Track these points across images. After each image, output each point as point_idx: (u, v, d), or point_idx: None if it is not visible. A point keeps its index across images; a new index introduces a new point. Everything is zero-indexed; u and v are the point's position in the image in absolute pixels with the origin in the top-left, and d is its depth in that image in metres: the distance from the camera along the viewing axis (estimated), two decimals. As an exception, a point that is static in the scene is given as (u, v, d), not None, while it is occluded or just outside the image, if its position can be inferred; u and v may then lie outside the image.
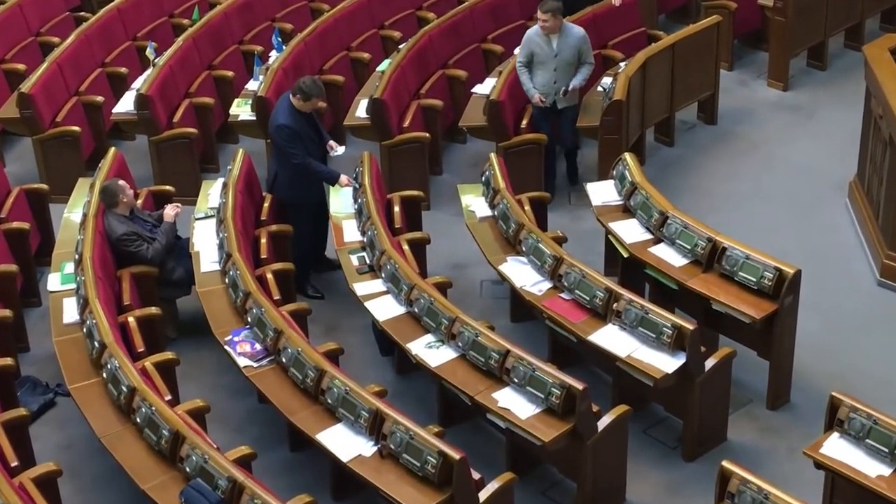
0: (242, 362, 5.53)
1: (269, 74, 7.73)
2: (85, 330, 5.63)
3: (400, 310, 5.83)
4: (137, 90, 7.65)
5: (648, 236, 6.21)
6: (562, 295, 5.84)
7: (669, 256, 6.05)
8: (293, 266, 6.37)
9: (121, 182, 6.31)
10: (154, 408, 5.03)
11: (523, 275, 6.04)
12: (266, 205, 6.77)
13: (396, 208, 6.69)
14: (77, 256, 6.08)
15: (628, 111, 7.35)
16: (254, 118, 7.64)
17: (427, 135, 7.57)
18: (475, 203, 6.68)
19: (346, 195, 6.61)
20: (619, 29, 8.40)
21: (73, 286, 6.01)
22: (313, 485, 5.29)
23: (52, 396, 6.07)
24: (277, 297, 5.98)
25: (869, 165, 7.04)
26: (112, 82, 8.21)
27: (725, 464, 4.68)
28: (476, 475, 4.82)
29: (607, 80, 7.73)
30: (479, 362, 5.38)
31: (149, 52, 7.97)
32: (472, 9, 8.51)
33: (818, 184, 7.63)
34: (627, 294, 5.62)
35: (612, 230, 6.33)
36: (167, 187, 7.08)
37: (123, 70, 8.24)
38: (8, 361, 5.67)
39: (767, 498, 4.51)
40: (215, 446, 4.94)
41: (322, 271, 6.85)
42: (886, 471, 4.75)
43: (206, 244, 6.34)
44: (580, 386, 5.04)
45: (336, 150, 6.61)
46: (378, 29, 8.66)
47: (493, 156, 6.81)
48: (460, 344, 5.46)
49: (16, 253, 6.50)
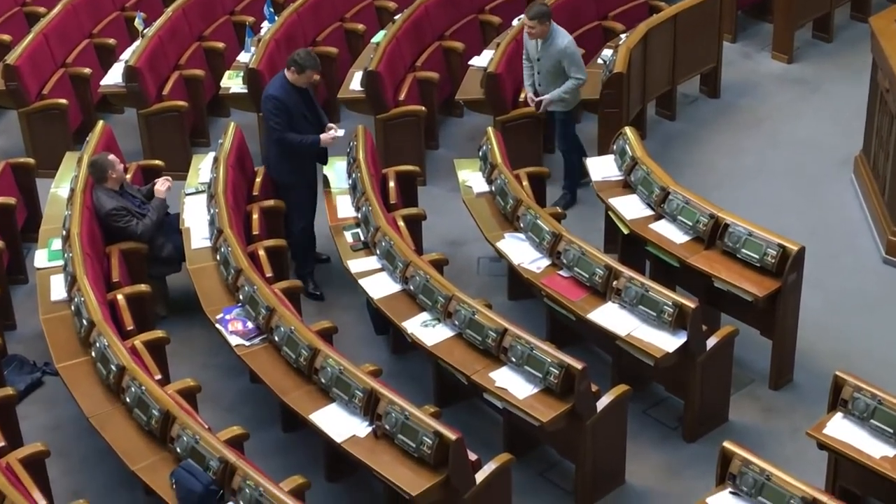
0: (234, 341, 5.47)
1: (261, 46, 7.61)
2: (73, 308, 5.56)
3: (395, 287, 5.76)
4: (126, 62, 7.54)
5: (649, 212, 6.14)
6: (560, 272, 5.77)
7: (670, 233, 5.98)
8: (289, 248, 6.22)
9: (110, 157, 6.20)
10: (144, 387, 4.97)
11: (521, 252, 5.96)
12: (258, 179, 6.66)
13: (391, 183, 6.59)
14: (64, 232, 5.98)
15: (629, 84, 7.25)
16: (245, 91, 7.53)
17: (423, 108, 7.47)
18: (472, 178, 6.60)
19: (341, 170, 6.41)
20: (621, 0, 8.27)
21: (61, 263, 5.93)
22: (306, 465, 5.25)
23: (40, 376, 6.00)
24: (270, 275, 5.90)
25: (875, 140, 6.95)
26: (100, 54, 8.09)
27: (727, 444, 4.65)
28: (473, 456, 4.79)
29: (608, 53, 7.63)
30: (476, 341, 5.31)
31: (137, 23, 7.85)
32: (470, -21, 8.37)
33: (823, 159, 7.55)
34: (627, 271, 5.55)
35: (612, 206, 6.25)
36: (156, 162, 6.99)
37: (111, 41, 8.12)
38: (-6, 340, 5.60)
39: (770, 479, 4.47)
40: (206, 426, 4.90)
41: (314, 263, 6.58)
42: (890, 451, 4.72)
43: (197, 220, 6.27)
44: (579, 365, 4.99)
45: (337, 131, 6.36)
46: (373, -1, 8.52)
47: (491, 130, 6.73)
48: (457, 322, 5.39)
49: (2, 229, 6.44)
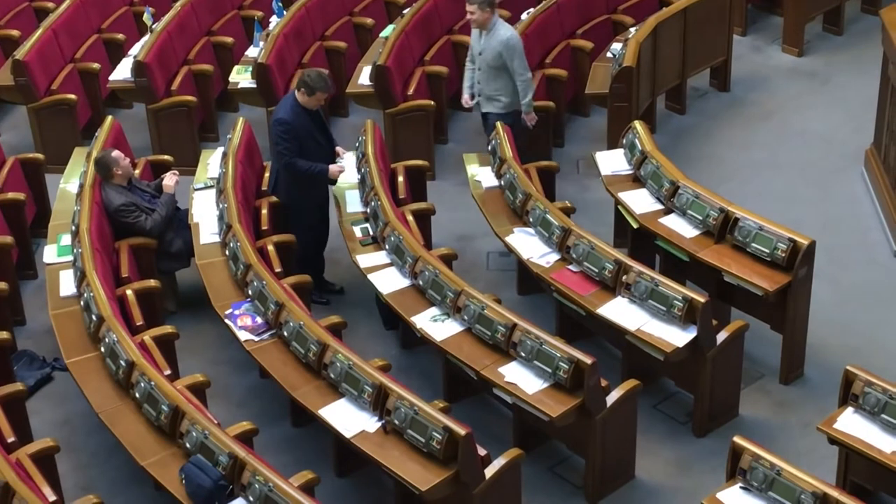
0: (243, 336, 5.46)
1: (270, 41, 7.60)
2: (82, 303, 5.56)
3: (404, 282, 5.74)
4: (135, 57, 7.54)
5: (659, 206, 6.12)
6: (570, 267, 5.75)
7: (680, 227, 5.96)
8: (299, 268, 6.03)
9: (115, 153, 6.19)
10: (153, 383, 4.97)
11: (530, 246, 5.94)
12: (267, 174, 6.65)
13: (400, 178, 6.58)
14: (74, 228, 5.99)
15: (638, 78, 7.23)
16: (254, 86, 7.52)
17: (432, 102, 7.45)
18: (481, 173, 6.58)
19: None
20: (630, -7, 8.26)
21: (70, 258, 5.94)
22: (316, 461, 5.25)
23: (50, 371, 6.01)
24: (279, 270, 5.89)
25: (886, 134, 6.92)
26: (109, 49, 8.09)
27: (737, 439, 4.63)
28: (482, 451, 4.78)
29: (617, 46, 7.60)
30: (486, 336, 5.30)
31: (146, 18, 7.85)
32: (478, -27, 8.33)
33: (833, 153, 7.52)
34: (637, 266, 5.53)
35: (622, 200, 6.22)
36: (165, 157, 6.99)
37: (120, 36, 8.12)
38: (4, 335, 5.61)
39: (780, 474, 4.46)
40: (216, 422, 4.89)
41: (322, 293, 6.31)
42: (902, 447, 4.67)
43: (206, 215, 6.27)
44: (589, 360, 4.97)
45: (342, 158, 6.21)
46: (382, -7, 8.50)
47: (500, 124, 6.70)
48: (466, 317, 5.38)
49: (11, 224, 6.43)
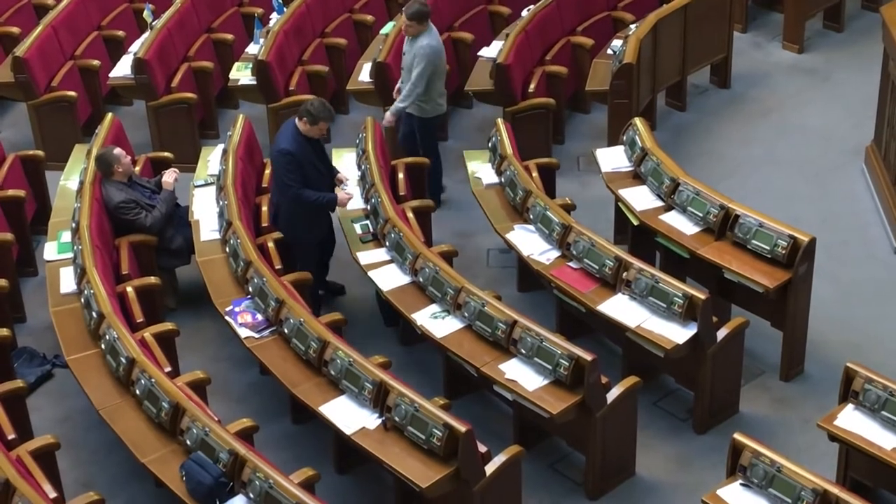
0: (244, 333, 5.46)
1: (270, 38, 7.59)
2: (83, 300, 5.56)
3: (404, 279, 5.74)
4: (135, 54, 7.53)
5: (659, 203, 6.11)
6: (570, 264, 5.74)
7: (681, 224, 5.95)
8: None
9: (116, 150, 6.19)
10: (153, 379, 4.97)
11: (531, 243, 5.94)
12: (267, 171, 6.65)
13: (401, 175, 6.57)
14: (74, 225, 5.98)
15: (639, 75, 7.22)
16: (254, 82, 7.51)
17: (432, 99, 7.42)
18: (481, 170, 6.58)
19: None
20: (630, -11, 8.25)
21: (71, 255, 5.93)
22: (316, 458, 5.25)
23: (50, 368, 6.01)
24: (279, 267, 5.89)
25: (886, 130, 6.91)
26: (109, 46, 8.08)
27: (737, 436, 4.63)
28: (482, 448, 4.78)
29: (617, 43, 7.59)
30: (486, 333, 5.29)
31: (146, 15, 7.84)
32: (478, -30, 8.33)
33: (834, 149, 7.51)
34: (637, 263, 5.52)
35: (622, 197, 6.22)
36: (165, 154, 6.98)
37: (120, 33, 8.11)
38: (4, 332, 5.61)
39: (780, 471, 4.46)
40: (216, 419, 4.89)
41: (326, 296, 6.27)
42: (902, 443, 4.67)
43: (206, 212, 6.26)
44: (589, 357, 4.97)
45: (345, 185, 6.13)
46: (382, -10, 8.49)
47: (500, 121, 6.70)
48: (466, 314, 5.37)
49: (11, 221, 6.42)
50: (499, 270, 6.64)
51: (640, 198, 6.17)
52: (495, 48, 7.67)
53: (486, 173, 6.54)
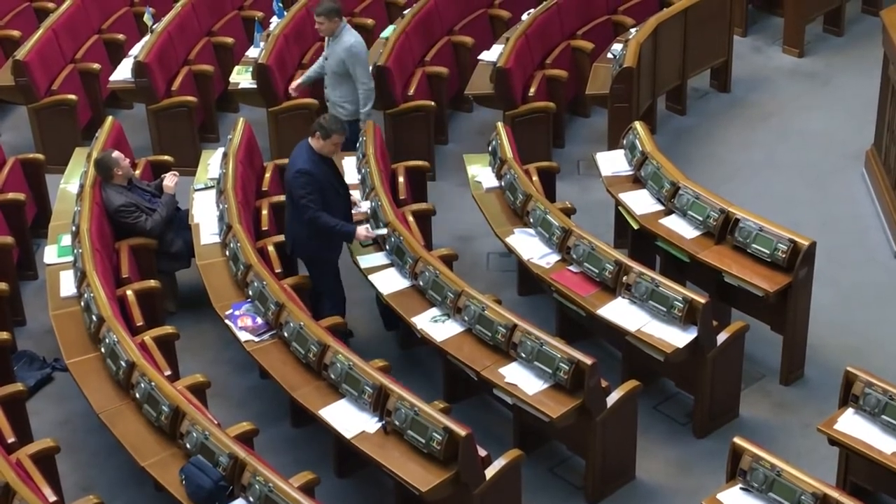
0: (244, 336, 5.46)
1: (270, 41, 7.59)
2: (83, 303, 5.56)
3: (405, 283, 5.74)
4: (135, 57, 7.53)
5: (659, 207, 6.11)
6: (570, 268, 5.74)
7: (681, 228, 5.95)
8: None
9: (115, 154, 6.19)
10: (153, 383, 4.96)
11: (531, 247, 5.93)
12: (267, 175, 6.65)
13: (401, 179, 6.57)
14: (74, 228, 5.98)
15: (639, 79, 7.22)
16: (254, 86, 7.51)
17: (432, 103, 7.45)
18: (482, 173, 6.58)
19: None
20: (631, -7, 8.26)
21: (71, 259, 5.93)
22: (316, 461, 5.24)
23: (50, 371, 6.00)
24: (279, 270, 5.88)
25: (886, 134, 6.91)
26: (109, 49, 8.09)
27: (737, 440, 4.63)
28: (482, 452, 4.77)
29: (618, 47, 7.59)
30: (486, 336, 5.29)
31: (146, 19, 7.84)
32: (479, -27, 8.34)
33: (834, 153, 7.51)
34: (638, 267, 5.52)
35: (623, 201, 6.22)
36: (166, 157, 6.98)
37: (121, 37, 8.12)
38: (4, 335, 5.61)
39: (780, 475, 4.45)
40: (216, 422, 4.89)
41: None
42: (903, 448, 4.67)
43: (206, 216, 6.26)
44: (589, 361, 4.96)
45: (360, 206, 5.99)
46: (382, -6, 8.50)
47: (500, 125, 6.70)
48: (466, 318, 5.37)
49: (11, 224, 6.42)
50: (499, 274, 6.64)
51: (641, 201, 6.17)
52: (495, 52, 7.68)
53: (487, 177, 6.54)
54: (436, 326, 5.45)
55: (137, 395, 5.02)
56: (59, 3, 8.14)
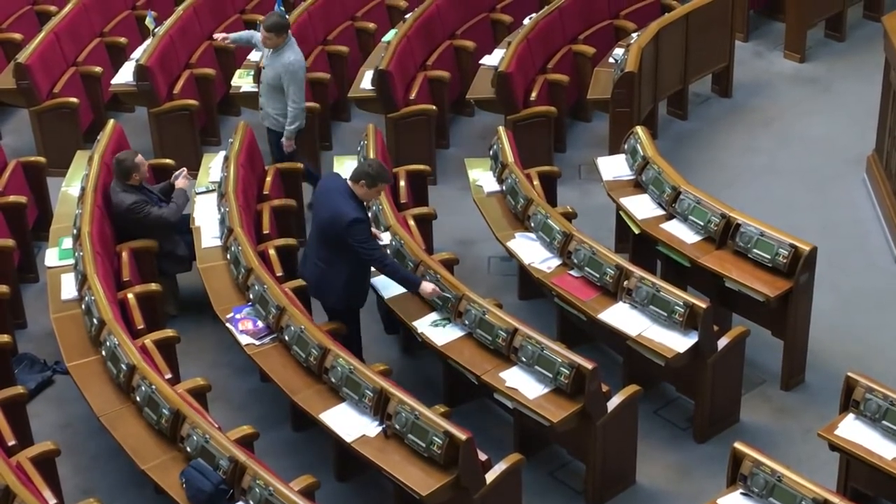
0: (244, 340, 5.46)
1: (272, 45, 7.58)
2: (83, 306, 5.56)
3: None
4: (137, 61, 7.54)
5: (660, 212, 6.11)
6: (571, 272, 5.74)
7: (682, 233, 5.96)
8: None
9: (138, 158, 6.11)
10: (154, 386, 4.96)
11: (532, 251, 5.94)
12: (269, 178, 6.65)
13: (402, 182, 6.58)
14: (75, 231, 5.99)
15: (640, 83, 7.23)
16: (256, 90, 7.50)
17: (433, 107, 7.45)
18: (483, 177, 6.58)
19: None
20: (632, -2, 8.27)
21: (72, 262, 5.93)
22: (316, 465, 5.25)
23: (50, 374, 6.00)
24: (280, 274, 5.89)
25: (887, 140, 6.91)
26: (111, 52, 8.09)
27: (738, 445, 4.62)
28: (483, 456, 4.77)
29: (619, 52, 7.60)
30: (487, 341, 5.29)
31: (148, 22, 7.85)
32: (481, -23, 8.35)
33: (835, 159, 7.51)
34: (638, 271, 5.53)
35: (624, 206, 6.22)
36: (167, 160, 6.98)
37: (122, 40, 8.12)
38: (5, 338, 5.61)
39: (781, 480, 4.45)
40: (216, 426, 4.89)
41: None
42: (903, 453, 4.67)
43: (207, 219, 6.26)
44: (590, 365, 4.96)
45: (381, 239, 5.70)
46: (384, -2, 8.51)
47: (502, 129, 6.71)
48: (467, 322, 5.37)
49: (13, 227, 6.42)
50: (500, 278, 6.64)
51: (642, 206, 6.17)
52: (497, 56, 7.68)
53: (488, 181, 6.55)
54: (437, 330, 5.45)
55: (138, 399, 5.02)
56: (61, 7, 8.15)
